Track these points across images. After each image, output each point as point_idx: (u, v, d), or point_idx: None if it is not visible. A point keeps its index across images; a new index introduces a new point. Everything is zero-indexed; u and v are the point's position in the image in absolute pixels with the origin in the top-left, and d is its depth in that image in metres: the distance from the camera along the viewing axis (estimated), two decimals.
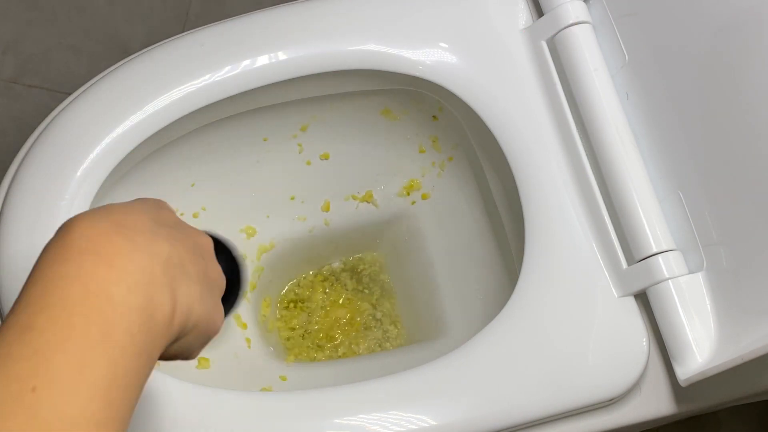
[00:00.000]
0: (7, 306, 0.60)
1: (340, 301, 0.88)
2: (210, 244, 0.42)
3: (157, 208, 0.40)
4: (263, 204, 0.83)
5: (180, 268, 0.36)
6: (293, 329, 0.85)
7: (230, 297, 0.50)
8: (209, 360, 0.73)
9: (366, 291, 0.88)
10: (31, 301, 0.31)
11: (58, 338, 0.30)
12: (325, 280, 0.89)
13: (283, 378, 0.76)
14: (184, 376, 0.60)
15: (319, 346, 0.85)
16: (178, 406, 0.58)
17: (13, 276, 0.60)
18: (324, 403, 0.59)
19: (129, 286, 0.33)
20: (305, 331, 0.86)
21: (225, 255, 0.51)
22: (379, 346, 0.86)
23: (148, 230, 0.35)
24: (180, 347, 0.38)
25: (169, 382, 0.59)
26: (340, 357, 0.86)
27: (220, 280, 0.42)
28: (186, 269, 0.37)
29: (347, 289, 0.88)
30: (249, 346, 0.79)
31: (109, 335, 0.31)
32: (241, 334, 0.79)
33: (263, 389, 0.73)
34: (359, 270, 0.89)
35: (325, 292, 0.88)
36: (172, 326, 0.35)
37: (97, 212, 0.35)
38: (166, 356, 0.38)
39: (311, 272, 0.89)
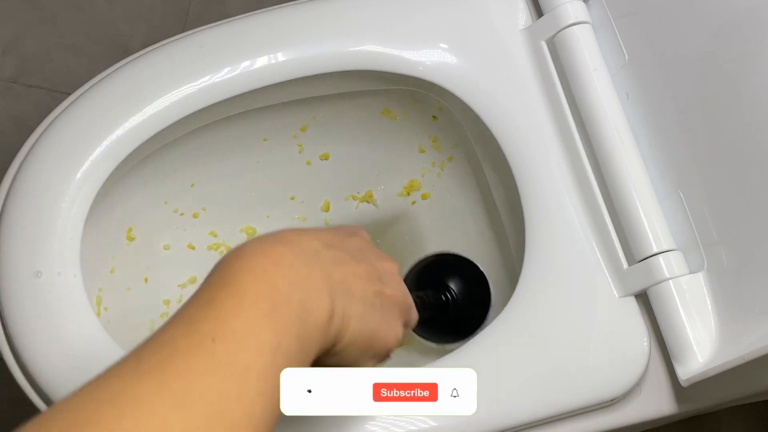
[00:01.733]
0: (8, 305, 0.60)
1: None
2: (394, 268, 0.47)
3: (344, 234, 0.46)
4: (263, 204, 0.83)
5: (341, 285, 0.41)
6: None
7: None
8: None
9: None
10: (212, 284, 0.37)
11: (235, 308, 0.36)
12: None
13: None
14: None
15: None
16: None
17: (14, 276, 0.60)
18: None
19: (291, 282, 0.38)
20: None
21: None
22: None
23: (313, 251, 0.41)
24: (342, 359, 0.42)
25: None
26: None
27: (400, 300, 0.46)
28: (348, 287, 0.42)
29: None
30: None
31: (275, 312, 0.36)
32: None
33: None
34: None
35: None
36: (328, 329, 0.40)
37: (269, 233, 0.41)
38: (330, 363, 0.42)
39: None
